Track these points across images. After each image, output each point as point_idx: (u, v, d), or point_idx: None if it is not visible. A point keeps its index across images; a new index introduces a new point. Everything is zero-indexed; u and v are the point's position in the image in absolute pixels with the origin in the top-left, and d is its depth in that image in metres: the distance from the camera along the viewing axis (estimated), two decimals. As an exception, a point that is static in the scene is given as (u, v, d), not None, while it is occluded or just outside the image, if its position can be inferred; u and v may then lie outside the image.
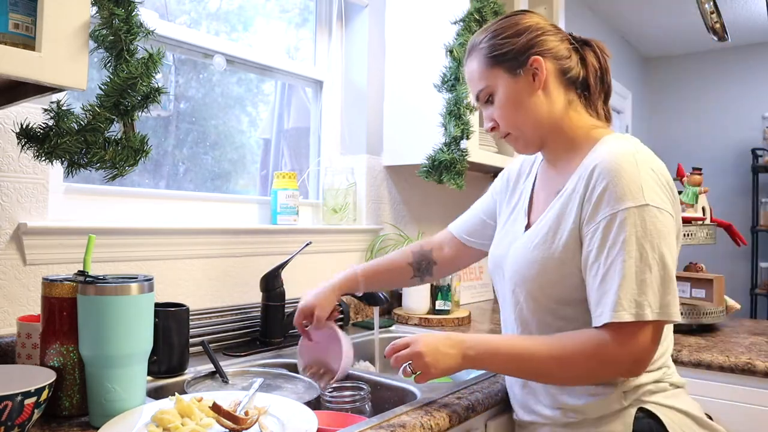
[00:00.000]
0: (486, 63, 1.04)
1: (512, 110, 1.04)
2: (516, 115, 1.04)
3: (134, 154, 1.02)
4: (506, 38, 1.03)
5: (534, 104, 1.02)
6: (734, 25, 3.80)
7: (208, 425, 0.87)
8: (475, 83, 1.07)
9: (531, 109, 1.03)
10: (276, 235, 1.62)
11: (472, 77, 1.08)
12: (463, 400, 1.08)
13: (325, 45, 1.98)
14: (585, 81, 1.06)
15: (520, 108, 1.03)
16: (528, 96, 1.02)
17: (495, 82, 1.04)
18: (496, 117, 1.06)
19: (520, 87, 1.02)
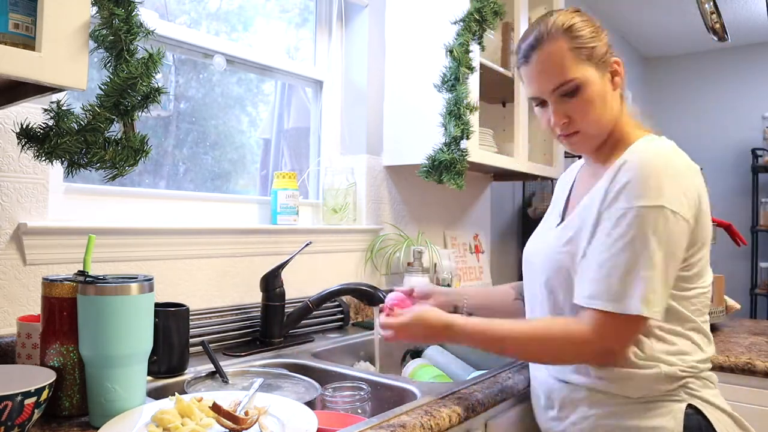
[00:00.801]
0: (576, 56, 1.01)
1: (596, 108, 1.03)
2: (599, 113, 1.03)
3: (134, 154, 1.02)
4: (593, 36, 1.03)
5: (609, 105, 1.04)
6: (734, 25, 3.80)
7: (208, 425, 0.87)
8: (557, 73, 1.02)
9: (610, 109, 1.04)
10: (276, 235, 1.62)
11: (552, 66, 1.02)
12: (463, 400, 1.08)
13: (325, 45, 1.98)
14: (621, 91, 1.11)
15: (603, 106, 1.03)
16: (608, 96, 1.04)
17: (585, 76, 1.02)
18: (576, 113, 1.03)
19: (605, 86, 1.04)
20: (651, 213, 0.93)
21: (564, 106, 1.04)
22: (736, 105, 4.39)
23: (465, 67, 1.73)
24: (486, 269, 2.47)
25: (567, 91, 1.02)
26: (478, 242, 2.49)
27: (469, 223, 2.50)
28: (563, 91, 1.02)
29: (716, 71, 4.48)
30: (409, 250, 1.93)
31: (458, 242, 2.37)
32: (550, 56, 1.02)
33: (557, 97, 1.03)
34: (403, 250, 1.97)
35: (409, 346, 1.64)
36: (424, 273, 1.87)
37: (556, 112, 1.04)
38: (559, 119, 1.04)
